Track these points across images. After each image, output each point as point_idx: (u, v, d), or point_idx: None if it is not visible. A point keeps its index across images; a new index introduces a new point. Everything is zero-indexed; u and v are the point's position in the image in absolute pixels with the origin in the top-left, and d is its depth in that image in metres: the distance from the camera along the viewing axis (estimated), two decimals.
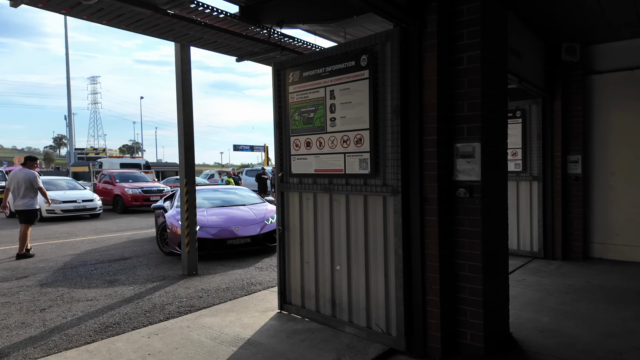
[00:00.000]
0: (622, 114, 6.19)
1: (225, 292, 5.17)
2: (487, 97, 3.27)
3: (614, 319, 3.93)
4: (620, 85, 6.17)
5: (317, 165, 3.96)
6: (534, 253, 6.47)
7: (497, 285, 3.43)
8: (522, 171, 6.46)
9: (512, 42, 5.19)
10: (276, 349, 3.44)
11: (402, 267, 3.28)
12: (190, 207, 6.04)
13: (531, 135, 6.39)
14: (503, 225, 3.54)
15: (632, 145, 6.12)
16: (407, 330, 3.28)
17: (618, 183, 6.20)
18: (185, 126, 6.05)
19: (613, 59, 6.19)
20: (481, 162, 3.21)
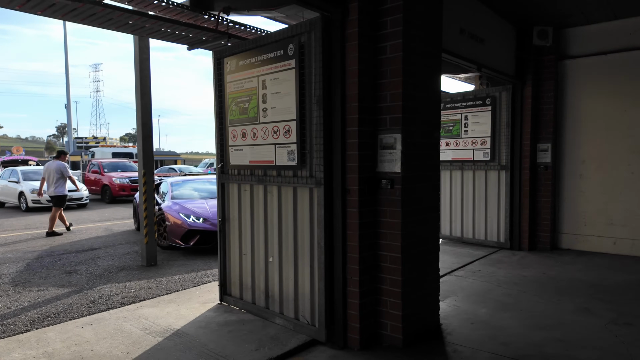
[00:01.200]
0: (594, 100, 6.11)
1: (175, 284, 5.25)
2: (410, 87, 3.24)
3: (551, 311, 3.95)
4: (592, 70, 6.07)
5: (251, 157, 3.97)
6: (500, 244, 6.46)
7: (423, 277, 3.44)
8: (491, 160, 6.42)
9: (473, 27, 5.13)
10: (200, 340, 3.50)
11: (324, 259, 3.31)
12: (148, 198, 6.12)
13: (500, 123, 6.33)
14: (431, 217, 3.53)
15: (603, 132, 6.06)
16: (328, 322, 3.32)
17: (588, 172, 6.15)
18: (143, 116, 6.09)
19: (586, 43, 6.08)
20: (402, 153, 3.20)
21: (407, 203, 3.25)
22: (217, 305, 4.33)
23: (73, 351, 3.36)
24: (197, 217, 6.99)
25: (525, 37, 6.09)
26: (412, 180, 3.30)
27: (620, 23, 5.85)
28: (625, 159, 5.90)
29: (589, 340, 3.34)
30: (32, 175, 15.01)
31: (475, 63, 5.03)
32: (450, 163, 6.87)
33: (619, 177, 5.95)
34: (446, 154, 6.88)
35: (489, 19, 5.55)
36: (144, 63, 5.99)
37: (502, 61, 5.88)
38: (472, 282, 4.87)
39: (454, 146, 6.79)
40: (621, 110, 5.91)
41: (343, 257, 3.28)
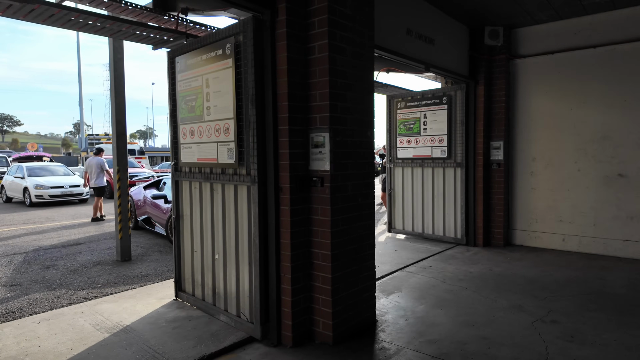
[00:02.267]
0: (543, 98, 5.90)
1: (141, 279, 5.10)
2: (339, 87, 3.07)
3: (485, 308, 3.76)
4: (541, 69, 5.87)
5: (199, 154, 3.82)
6: (457, 240, 6.25)
7: (356, 274, 3.28)
8: (448, 158, 6.19)
9: (421, 28, 4.94)
10: (144, 337, 3.35)
11: (259, 257, 3.17)
12: (122, 194, 6.00)
13: (456, 122, 6.10)
14: (365, 215, 3.36)
15: (551, 130, 5.85)
16: (263, 319, 3.17)
17: (539, 169, 5.94)
18: (117, 114, 5.95)
19: (535, 42, 5.88)
20: (331, 151, 3.04)
21: (337, 201, 3.09)
22: (172, 301, 4.18)
23: (21, 347, 3.22)
24: None
25: (477, 37, 5.86)
26: (343, 179, 3.14)
27: (565, 23, 5.64)
28: (572, 157, 5.70)
29: (512, 337, 3.16)
30: (38, 171, 14.92)
31: (424, 63, 4.83)
32: (412, 160, 6.64)
33: (566, 175, 5.75)
34: (407, 152, 6.66)
35: (439, 20, 5.34)
36: (118, 63, 5.83)
37: (454, 61, 5.66)
38: (420, 278, 4.69)
39: (415, 144, 6.56)
40: (567, 108, 5.70)
41: (277, 254, 3.13)
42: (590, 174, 5.57)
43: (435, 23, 5.20)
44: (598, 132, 5.52)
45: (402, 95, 6.76)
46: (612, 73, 5.39)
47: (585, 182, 5.62)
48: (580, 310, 3.67)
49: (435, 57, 5.12)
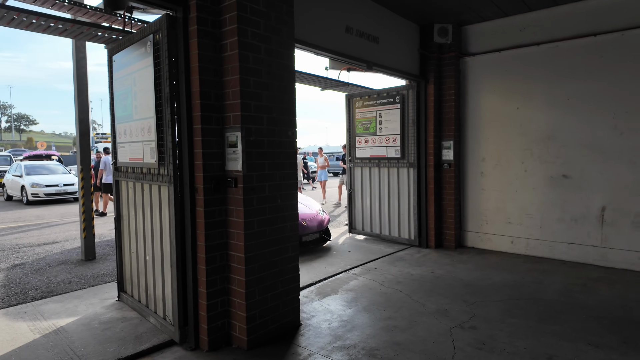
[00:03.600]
0: (491, 97, 5.55)
1: (96, 279, 4.79)
2: (252, 85, 2.78)
3: (411, 312, 3.46)
4: (489, 67, 5.52)
5: (130, 154, 3.54)
6: (411, 241, 5.87)
7: (276, 277, 3.00)
8: (401, 158, 5.83)
9: (363, 26, 4.66)
10: (71, 338, 3.08)
11: (176, 259, 2.90)
12: (85, 193, 5.74)
13: (408, 121, 5.74)
14: (286, 216, 3.08)
15: (499, 129, 5.51)
16: (181, 322, 2.89)
17: (488, 170, 5.61)
18: (80, 113, 5.64)
19: (483, 40, 5.54)
20: (244, 151, 2.77)
21: (252, 202, 2.82)
22: (114, 302, 3.89)
23: None
24: None
25: (427, 35, 5.50)
26: (259, 179, 2.86)
27: (511, 20, 5.30)
28: (519, 157, 5.37)
29: (424, 343, 2.88)
30: (38, 170, 14.59)
31: (365, 62, 4.53)
32: (370, 160, 6.30)
33: (514, 175, 5.42)
34: (365, 151, 6.32)
35: (384, 18, 5.00)
36: (81, 62, 5.53)
37: (402, 59, 5.32)
38: (361, 280, 4.38)
39: (371, 143, 6.22)
40: (514, 107, 5.38)
41: (193, 257, 2.89)
42: (536, 175, 5.27)
43: (380, 21, 4.90)
44: (543, 131, 5.21)
45: (360, 94, 6.42)
46: (555, 71, 5.09)
47: (531, 183, 5.30)
48: (503, 316, 3.37)
49: (380, 56, 4.83)
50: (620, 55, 4.69)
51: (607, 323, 3.23)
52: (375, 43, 4.77)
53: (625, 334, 3.03)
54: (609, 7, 4.73)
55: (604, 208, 4.88)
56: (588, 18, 4.87)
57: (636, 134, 4.68)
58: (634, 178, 4.69)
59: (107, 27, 4.61)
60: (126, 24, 4.68)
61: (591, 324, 3.22)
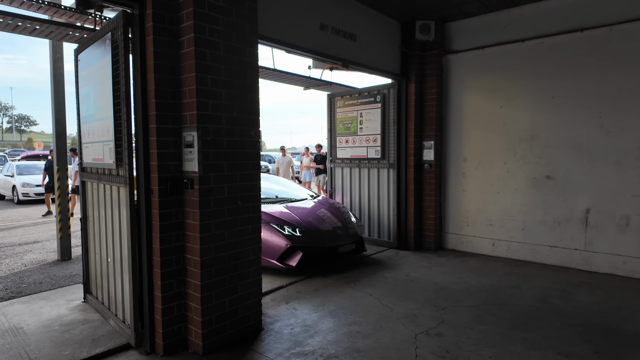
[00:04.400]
0: (474, 95, 5.46)
1: (67, 279, 4.74)
2: (210, 83, 2.73)
3: (377, 317, 3.40)
4: (473, 65, 5.42)
5: (93, 154, 3.49)
6: (390, 243, 5.77)
7: (235, 281, 2.95)
8: (382, 158, 5.76)
9: (338, 23, 4.59)
10: (28, 340, 3.04)
11: (132, 262, 2.86)
12: (62, 194, 5.71)
13: (389, 121, 5.67)
14: (247, 218, 3.02)
15: (481, 129, 5.42)
16: (137, 326, 2.85)
17: (470, 170, 5.51)
18: (57, 113, 5.61)
19: (466, 37, 5.44)
20: (200, 152, 2.72)
21: (209, 204, 2.77)
22: (80, 303, 3.85)
23: None
24: (294, 228, 4.62)
25: (409, 32, 5.41)
26: (217, 180, 2.81)
27: (495, 16, 5.21)
28: (502, 157, 5.29)
29: (386, 350, 2.82)
30: (30, 170, 14.61)
31: (341, 60, 4.47)
32: (350, 161, 6.25)
33: (496, 176, 5.34)
34: (346, 152, 6.26)
35: (362, 15, 4.94)
36: (58, 62, 5.51)
37: (382, 57, 5.24)
38: (331, 283, 4.32)
39: (352, 143, 6.17)
40: (497, 106, 5.30)
41: (149, 260, 2.84)
42: (519, 176, 5.20)
43: (358, 18, 4.82)
44: (527, 131, 5.13)
45: (341, 94, 6.37)
46: (540, 68, 5.00)
47: (514, 184, 5.22)
48: (473, 322, 3.30)
49: (358, 54, 4.75)
50: (608, 52, 4.61)
51: (581, 331, 3.16)
52: (353, 41, 4.70)
53: (599, 343, 2.96)
54: (597, 1, 4.63)
55: (588, 210, 4.80)
56: (575, 13, 4.79)
57: (623, 134, 4.59)
58: (620, 179, 4.61)
59: (77, 26, 4.57)
60: (97, 23, 4.65)
61: (565, 331, 3.15)
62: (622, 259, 4.56)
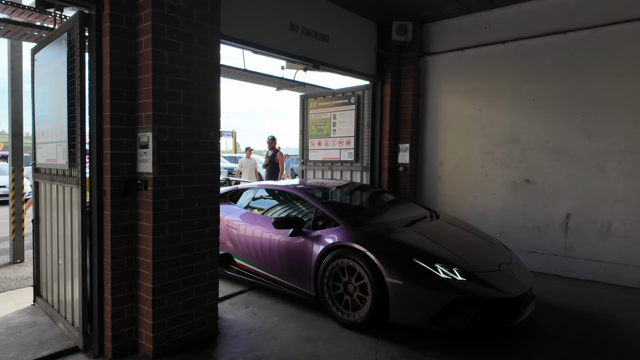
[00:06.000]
0: (452, 98, 5.85)
1: (18, 282, 4.95)
2: (167, 84, 3.01)
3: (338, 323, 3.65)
4: (451, 67, 5.81)
5: (47, 155, 3.75)
6: None
7: (189, 284, 3.22)
8: (355, 161, 6.12)
9: (310, 24, 4.92)
10: None
11: (82, 264, 3.12)
12: (17, 195, 5.94)
13: (363, 123, 6.05)
14: (204, 221, 3.30)
15: (459, 131, 5.79)
16: (85, 329, 3.11)
17: (446, 173, 5.89)
18: (14, 113, 5.86)
19: (445, 38, 5.82)
20: (154, 153, 3.00)
21: (163, 206, 3.04)
22: (29, 306, 4.09)
23: None
24: (449, 266, 3.36)
25: (385, 33, 5.78)
26: (172, 182, 3.08)
27: (476, 17, 5.60)
28: (480, 161, 5.68)
29: (344, 356, 3.10)
30: None
31: (311, 61, 4.80)
32: (322, 163, 6.60)
33: (473, 180, 5.72)
34: (318, 154, 6.62)
35: (334, 15, 5.29)
36: (16, 61, 5.79)
37: (356, 59, 5.60)
38: None
39: (324, 146, 6.52)
40: (476, 109, 5.68)
41: (99, 262, 3.11)
42: (498, 180, 5.57)
43: (330, 18, 5.17)
44: (506, 134, 5.51)
45: (314, 95, 6.73)
46: (521, 70, 5.39)
47: (492, 189, 5.59)
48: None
49: (330, 55, 5.09)
50: (591, 54, 4.99)
51: (546, 347, 3.31)
52: (325, 42, 5.03)
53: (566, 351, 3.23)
54: (580, 3, 5.02)
55: (568, 215, 5.15)
56: (558, 14, 5.17)
57: (606, 137, 4.95)
58: (602, 184, 4.97)
59: (36, 26, 4.85)
60: (57, 22, 4.92)
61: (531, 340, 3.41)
62: (603, 265, 4.91)
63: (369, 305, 3.43)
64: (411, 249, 3.51)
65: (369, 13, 5.51)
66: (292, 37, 4.68)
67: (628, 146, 4.79)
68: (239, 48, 4.41)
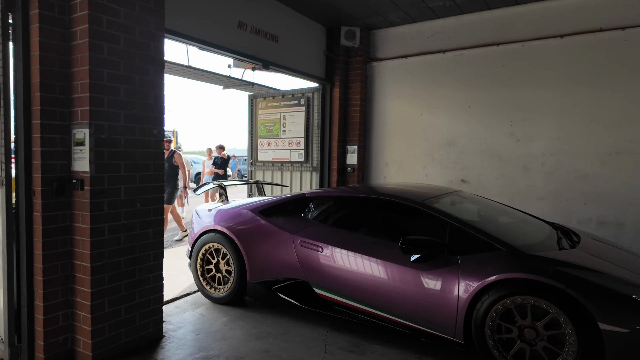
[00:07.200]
0: (397, 102, 6.12)
1: None
2: (106, 78, 2.83)
3: (289, 318, 3.71)
4: (396, 73, 6.08)
5: None
6: None
7: (132, 288, 3.06)
8: (305, 161, 6.21)
9: (259, 23, 4.89)
10: None
11: (7, 270, 2.85)
12: None
13: (313, 124, 6.16)
14: (148, 221, 3.15)
15: (403, 135, 6.08)
16: (12, 340, 2.84)
17: (391, 174, 6.17)
18: None
19: (391, 45, 6.09)
20: (92, 150, 2.81)
21: (101, 206, 2.86)
22: None
23: None
24: None
25: (334, 38, 5.94)
26: (112, 181, 2.91)
27: (419, 26, 5.91)
28: (421, 162, 6.00)
29: (294, 350, 3.12)
30: None
31: (261, 60, 4.78)
32: (272, 164, 6.60)
33: (415, 179, 6.00)
34: (267, 154, 6.62)
35: (285, 16, 5.32)
36: None
37: (306, 61, 5.67)
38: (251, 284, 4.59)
39: (274, 146, 6.53)
40: (418, 114, 6.00)
41: (29, 267, 2.85)
42: (437, 180, 5.89)
43: (280, 19, 5.17)
44: (445, 137, 5.85)
45: (264, 95, 6.71)
46: (459, 79, 5.73)
47: None
48: None
49: (280, 56, 5.09)
50: (520, 65, 5.40)
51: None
52: (274, 42, 5.01)
53: None
54: (512, 18, 5.41)
55: None
56: (492, 27, 5.54)
57: (531, 141, 5.40)
58: (527, 183, 5.42)
59: None
60: None
61: None
62: None
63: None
64: (621, 282, 2.62)
65: (319, 17, 5.58)
66: (240, 36, 4.60)
67: (549, 149, 5.26)
68: (184, 43, 4.26)
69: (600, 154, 4.95)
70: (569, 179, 5.16)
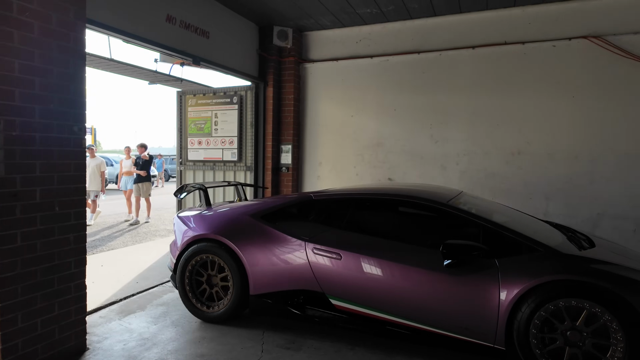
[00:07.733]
0: (329, 104, 6.35)
1: None
2: (14, 69, 2.56)
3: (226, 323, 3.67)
4: (328, 75, 6.29)
5: None
6: None
7: (53, 298, 2.83)
8: (239, 160, 6.15)
9: (189, 18, 4.75)
10: None
11: None
12: None
13: (246, 123, 6.12)
14: (68, 226, 2.90)
15: (335, 135, 6.32)
16: None
17: (324, 173, 6.39)
18: None
19: (323, 47, 6.29)
20: (2, 149, 2.50)
21: (13, 211, 2.56)
22: None
23: None
24: None
25: (267, 37, 5.98)
26: (26, 183, 2.63)
27: (349, 31, 6.18)
28: (352, 162, 6.29)
29: (231, 352, 3.09)
30: None
31: (191, 56, 4.65)
32: (203, 163, 6.44)
33: (347, 179, 6.28)
34: (199, 153, 6.44)
35: (216, 13, 5.22)
36: None
37: (238, 59, 5.62)
38: (177, 293, 4.35)
39: (206, 145, 6.38)
40: (349, 115, 6.28)
41: None
42: (367, 178, 6.21)
43: (211, 15, 5.05)
44: (373, 138, 6.18)
45: (194, 92, 6.50)
46: (385, 83, 6.07)
47: None
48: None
49: (211, 52, 4.97)
50: (438, 73, 5.87)
51: None
52: (205, 38, 4.88)
53: None
54: (430, 28, 5.85)
55: None
56: (414, 36, 5.95)
57: (447, 143, 5.91)
58: (444, 180, 5.93)
59: None
60: None
61: None
62: None
63: None
64: None
65: (251, 15, 5.54)
66: (169, 29, 4.41)
67: (462, 150, 5.82)
68: (107, 35, 3.98)
69: (505, 155, 5.60)
70: (479, 177, 5.76)
